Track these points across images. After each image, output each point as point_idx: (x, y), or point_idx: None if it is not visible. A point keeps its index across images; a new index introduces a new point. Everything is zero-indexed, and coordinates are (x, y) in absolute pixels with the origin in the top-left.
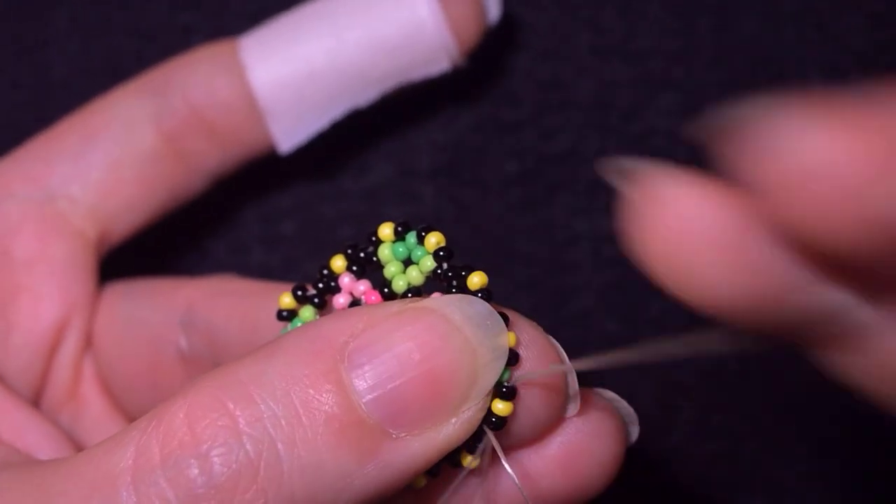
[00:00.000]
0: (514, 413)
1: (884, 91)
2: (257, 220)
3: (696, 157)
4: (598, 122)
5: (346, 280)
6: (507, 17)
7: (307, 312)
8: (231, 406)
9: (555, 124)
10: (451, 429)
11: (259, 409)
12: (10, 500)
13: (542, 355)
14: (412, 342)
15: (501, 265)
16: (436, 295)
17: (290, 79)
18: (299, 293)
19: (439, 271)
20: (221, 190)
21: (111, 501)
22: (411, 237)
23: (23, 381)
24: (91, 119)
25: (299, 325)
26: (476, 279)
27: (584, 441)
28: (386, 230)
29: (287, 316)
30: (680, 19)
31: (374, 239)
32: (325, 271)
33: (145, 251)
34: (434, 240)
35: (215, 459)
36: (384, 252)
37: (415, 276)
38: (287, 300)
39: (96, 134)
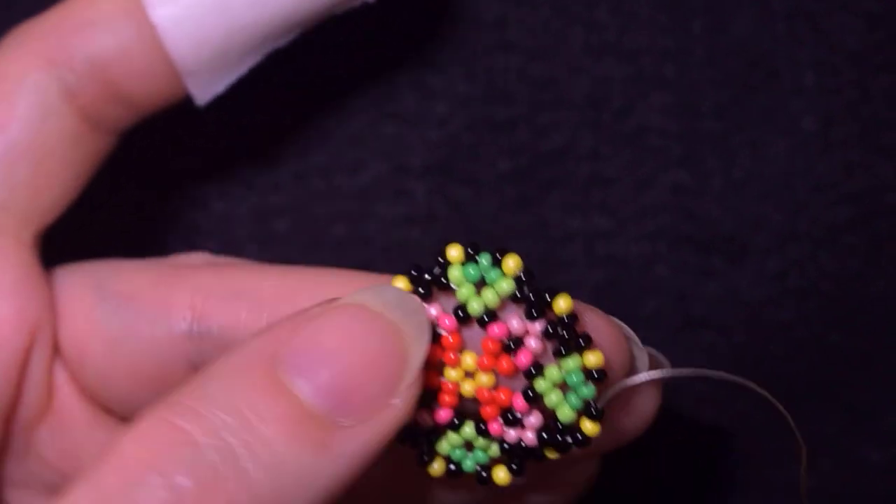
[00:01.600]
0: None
1: None
2: (250, 218)
3: (689, 155)
4: (591, 121)
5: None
6: (501, 15)
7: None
8: (183, 423)
9: (548, 122)
10: (396, 409)
11: (211, 421)
12: None
13: (615, 347)
14: (339, 334)
15: None
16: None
17: (209, 34)
18: None
19: (519, 294)
20: (213, 187)
21: None
22: (484, 259)
23: None
24: None
25: None
26: (562, 303)
27: (629, 397)
28: (454, 252)
29: None
30: (673, 17)
31: (440, 261)
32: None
33: (134, 249)
34: (512, 263)
35: (179, 474)
36: (454, 274)
37: (490, 298)
38: None
39: (8, 125)
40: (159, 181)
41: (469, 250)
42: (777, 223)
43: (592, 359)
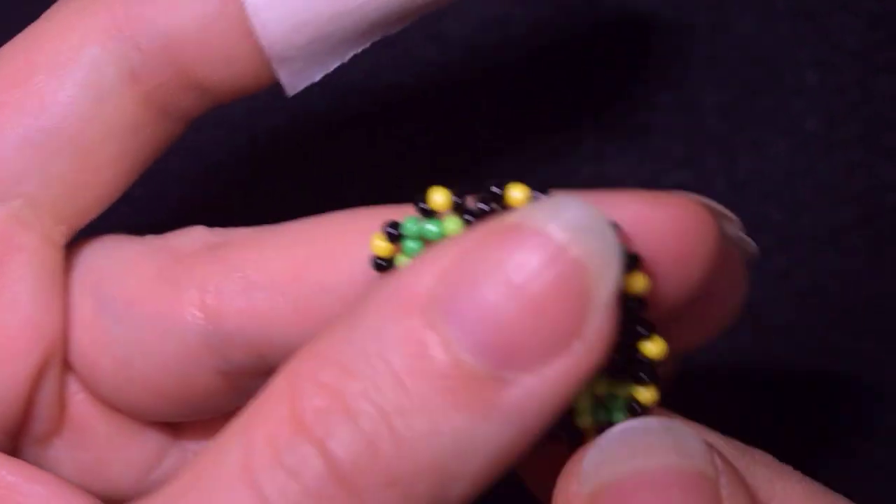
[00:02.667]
0: None
1: None
2: None
3: (692, 155)
4: (594, 121)
5: None
6: (504, 16)
7: (452, 224)
8: (334, 384)
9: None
10: (578, 352)
11: (362, 383)
12: None
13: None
14: (507, 272)
15: None
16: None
17: (308, 18)
18: (423, 206)
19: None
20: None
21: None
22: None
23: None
24: (39, 83)
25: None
26: (653, 348)
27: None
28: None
29: (384, 266)
30: (676, 16)
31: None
32: (497, 189)
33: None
34: (641, 283)
35: (333, 444)
36: None
37: None
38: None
39: (51, 108)
40: None
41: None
42: (779, 223)
43: (647, 395)
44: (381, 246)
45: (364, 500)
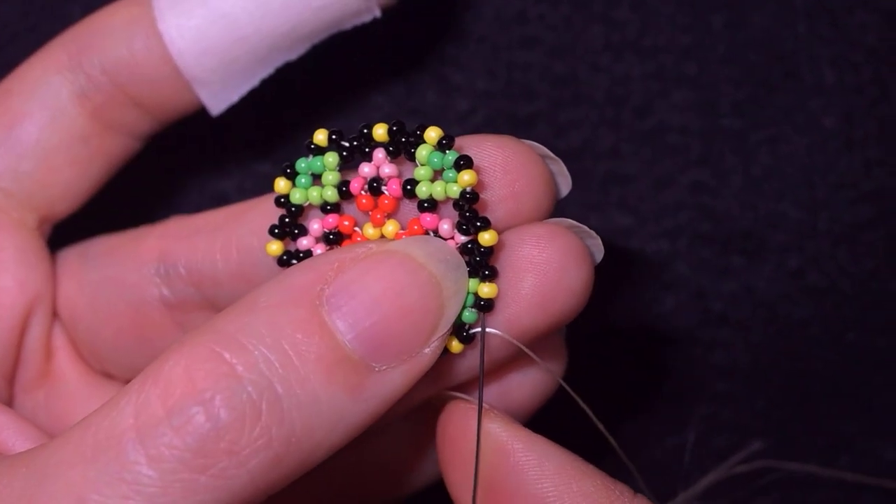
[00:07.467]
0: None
1: None
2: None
3: (709, 153)
4: (611, 118)
5: (380, 155)
6: (521, 12)
7: (332, 158)
8: (227, 355)
9: (569, 120)
10: (424, 357)
11: (253, 356)
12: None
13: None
14: (383, 282)
15: None
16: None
17: (213, 44)
18: (313, 145)
19: (461, 205)
20: (233, 182)
21: (118, 459)
22: (451, 156)
23: None
24: (11, 104)
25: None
26: (487, 237)
27: (555, 274)
28: (432, 133)
29: (284, 203)
30: (693, 15)
31: (418, 133)
32: (366, 131)
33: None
34: (468, 178)
35: (219, 404)
36: (422, 153)
37: (439, 191)
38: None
39: (20, 122)
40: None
41: (443, 141)
42: (796, 221)
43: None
44: (281, 184)
45: (241, 461)
